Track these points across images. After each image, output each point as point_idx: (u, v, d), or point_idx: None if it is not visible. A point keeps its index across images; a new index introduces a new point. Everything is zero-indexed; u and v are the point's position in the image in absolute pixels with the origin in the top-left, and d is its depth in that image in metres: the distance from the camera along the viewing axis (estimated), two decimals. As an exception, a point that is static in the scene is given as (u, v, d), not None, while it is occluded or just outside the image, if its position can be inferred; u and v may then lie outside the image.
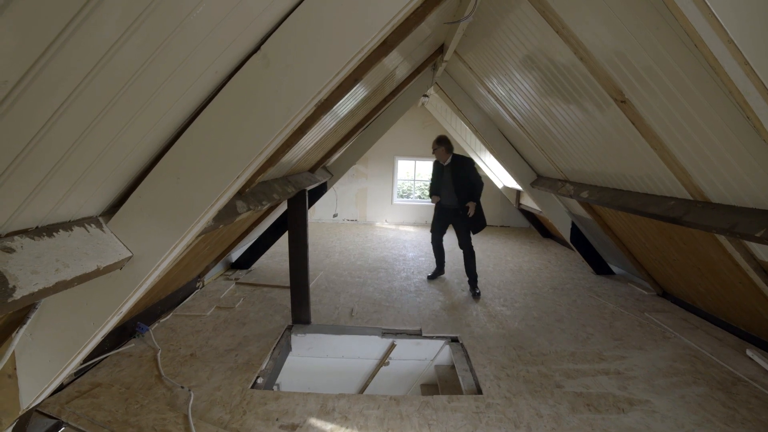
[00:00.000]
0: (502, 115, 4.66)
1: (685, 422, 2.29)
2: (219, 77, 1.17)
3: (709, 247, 2.85)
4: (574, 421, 2.30)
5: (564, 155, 3.95)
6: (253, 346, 3.06)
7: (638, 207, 2.87)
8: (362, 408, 2.40)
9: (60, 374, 1.46)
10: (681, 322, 3.67)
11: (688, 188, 2.51)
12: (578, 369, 2.87)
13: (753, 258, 2.61)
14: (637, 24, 1.91)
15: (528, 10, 2.50)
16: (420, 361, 3.51)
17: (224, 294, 4.11)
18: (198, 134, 1.20)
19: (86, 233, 1.31)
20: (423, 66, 4.22)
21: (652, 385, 2.66)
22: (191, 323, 3.41)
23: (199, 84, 1.15)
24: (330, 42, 1.12)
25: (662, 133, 2.33)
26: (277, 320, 3.56)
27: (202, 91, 1.19)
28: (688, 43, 1.75)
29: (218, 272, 4.71)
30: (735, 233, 2.17)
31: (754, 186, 2.11)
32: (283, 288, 4.33)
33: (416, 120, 8.61)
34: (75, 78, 0.87)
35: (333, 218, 8.98)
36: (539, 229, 7.90)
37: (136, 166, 1.30)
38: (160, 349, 2.92)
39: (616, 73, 2.27)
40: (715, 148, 2.10)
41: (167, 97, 1.15)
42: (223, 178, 1.22)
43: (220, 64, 1.14)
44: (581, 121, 3.13)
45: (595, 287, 4.68)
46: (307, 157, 3.59)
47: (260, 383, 2.66)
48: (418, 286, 4.64)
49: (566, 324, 3.62)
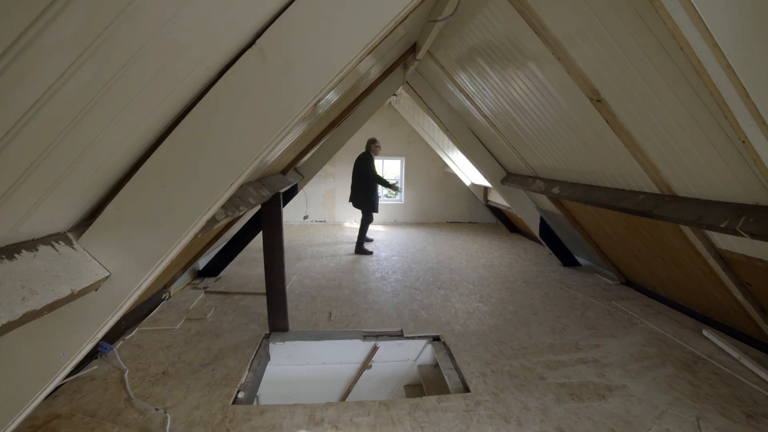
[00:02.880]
0: (471, 112, 4.73)
1: (659, 403, 2.42)
2: (210, 73, 1.07)
3: (674, 238, 3.03)
4: (560, 411, 2.36)
5: (535, 152, 4.06)
6: (230, 359, 2.90)
7: (610, 202, 3.00)
8: (352, 416, 2.33)
9: (19, 416, 1.27)
10: (645, 308, 3.88)
11: (657, 183, 2.64)
12: (558, 360, 2.95)
13: (712, 246, 2.79)
14: (617, 27, 1.98)
15: (504, 7, 2.52)
16: (402, 362, 3.48)
17: (194, 304, 3.88)
18: (186, 136, 1.08)
19: (54, 252, 1.16)
20: (395, 65, 4.19)
21: (627, 370, 2.78)
22: (160, 338, 3.18)
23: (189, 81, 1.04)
24: (334, 36, 1.04)
25: (634, 130, 2.43)
26: (253, 329, 3.40)
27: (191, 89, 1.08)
28: (666, 46, 1.83)
29: (185, 281, 4.45)
30: (701, 224, 2.31)
31: (718, 180, 2.25)
32: (256, 295, 4.16)
33: (384, 119, 8.59)
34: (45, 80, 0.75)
35: (303, 220, 8.78)
36: (506, 225, 8.13)
37: (112, 175, 1.16)
38: (128, 368, 2.70)
39: (592, 74, 2.34)
40: (684, 145, 2.22)
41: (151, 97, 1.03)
42: (217, 184, 1.11)
43: (211, 59, 1.04)
44: (554, 118, 3.23)
45: (565, 279, 4.87)
46: (281, 158, 3.45)
47: (242, 398, 2.52)
48: (394, 286, 4.62)
49: (542, 316, 3.73)
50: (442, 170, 8.92)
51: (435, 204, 9.09)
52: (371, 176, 6.07)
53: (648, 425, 2.22)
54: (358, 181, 6.15)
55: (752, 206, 2.14)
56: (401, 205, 9.10)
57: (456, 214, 9.14)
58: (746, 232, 2.05)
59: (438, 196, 9.07)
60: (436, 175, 9.01)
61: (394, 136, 8.77)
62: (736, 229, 2.09)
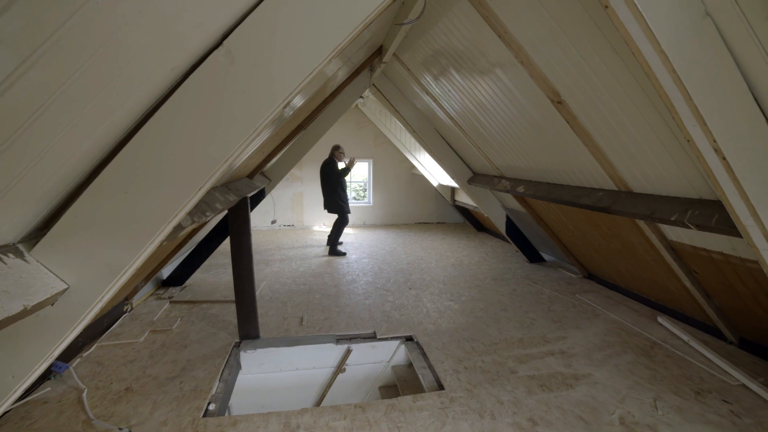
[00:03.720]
0: (437, 113, 4.81)
1: (620, 388, 2.55)
2: (176, 75, 1.03)
3: (630, 232, 3.21)
4: (531, 402, 2.44)
5: (500, 152, 4.18)
6: (199, 370, 2.79)
7: (572, 199, 3.14)
8: (328, 420, 2.31)
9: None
10: (606, 299, 4.09)
11: (614, 180, 2.79)
12: (528, 353, 3.05)
13: (664, 238, 2.98)
14: (576, 33, 2.08)
15: (469, 11, 2.59)
16: (377, 364, 3.48)
17: (158, 315, 3.71)
18: (151, 139, 1.04)
19: (2, 266, 1.07)
20: (361, 68, 4.20)
21: (591, 359, 2.92)
22: (122, 352, 3.02)
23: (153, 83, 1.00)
24: (305, 37, 1.03)
25: (593, 131, 2.57)
26: (222, 338, 3.29)
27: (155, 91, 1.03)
28: (620, 52, 1.94)
29: (148, 292, 4.24)
30: (654, 218, 2.47)
31: (668, 177, 2.41)
32: (225, 303, 4.03)
33: (351, 121, 8.57)
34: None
35: (271, 225, 8.60)
36: (474, 224, 8.31)
37: (69, 181, 1.10)
38: (86, 387, 2.54)
39: (553, 77, 2.44)
40: (638, 144, 2.37)
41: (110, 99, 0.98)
42: (184, 189, 1.07)
43: (176, 60, 1.00)
44: (517, 119, 3.34)
45: (531, 275, 5.04)
46: (248, 162, 3.37)
47: (213, 410, 2.43)
48: (365, 288, 4.61)
49: (511, 312, 3.84)
50: (410, 172, 9.00)
51: (403, 205, 9.16)
52: (336, 179, 6.29)
53: (612, 410, 2.34)
54: (327, 188, 6.35)
55: (697, 200, 2.30)
56: (370, 208, 9.11)
57: (424, 214, 9.25)
58: (692, 224, 2.21)
59: (406, 197, 9.15)
60: (403, 177, 9.08)
61: (361, 139, 8.76)
62: (684, 222, 2.25)
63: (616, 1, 1.40)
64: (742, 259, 2.45)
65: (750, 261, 2.40)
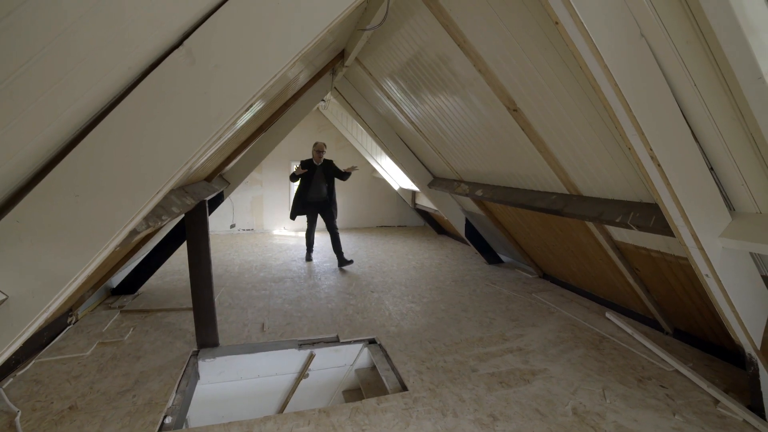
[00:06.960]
0: (399, 118, 4.88)
1: (573, 380, 2.71)
2: (133, 74, 0.99)
3: (580, 233, 3.42)
4: (492, 399, 2.53)
5: (459, 157, 4.31)
6: (153, 382, 2.65)
7: (527, 202, 3.30)
8: (291, 427, 2.27)
9: None
10: (559, 297, 4.32)
11: (565, 184, 2.97)
12: (487, 352, 3.16)
13: (611, 238, 3.20)
14: (530, 45, 2.20)
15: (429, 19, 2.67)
16: (340, 368, 3.46)
17: (107, 326, 3.48)
18: (106, 140, 0.99)
19: (-69, 274, 0.98)
20: (323, 71, 4.18)
21: (547, 355, 3.07)
22: (65, 368, 2.80)
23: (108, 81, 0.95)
24: (269, 39, 1.03)
25: (546, 137, 2.72)
26: (179, 347, 3.15)
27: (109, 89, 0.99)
28: (570, 65, 2.07)
29: (96, 302, 3.96)
30: (602, 220, 2.65)
31: (612, 182, 2.60)
32: (181, 310, 3.85)
33: (312, 124, 8.49)
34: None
35: (230, 229, 8.31)
36: (434, 227, 8.48)
37: (7, 183, 1.02)
38: (20, 410, 2.32)
39: (509, 85, 2.56)
40: (586, 151, 2.53)
41: (57, 98, 0.92)
42: (141, 193, 1.03)
43: (133, 59, 0.96)
44: (476, 125, 3.47)
45: (490, 276, 5.22)
46: (206, 165, 3.26)
47: (169, 423, 2.32)
48: (327, 292, 4.58)
49: (471, 312, 3.96)
50: (371, 175, 9.04)
51: (365, 209, 9.17)
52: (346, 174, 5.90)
53: (566, 401, 2.48)
54: (330, 187, 5.91)
55: (638, 203, 2.50)
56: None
57: (386, 218, 9.31)
58: (634, 225, 2.40)
59: (368, 201, 9.17)
60: (365, 180, 9.10)
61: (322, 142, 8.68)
62: (627, 223, 2.44)
63: (565, 18, 1.50)
64: (675, 256, 2.68)
65: (681, 258, 2.64)
